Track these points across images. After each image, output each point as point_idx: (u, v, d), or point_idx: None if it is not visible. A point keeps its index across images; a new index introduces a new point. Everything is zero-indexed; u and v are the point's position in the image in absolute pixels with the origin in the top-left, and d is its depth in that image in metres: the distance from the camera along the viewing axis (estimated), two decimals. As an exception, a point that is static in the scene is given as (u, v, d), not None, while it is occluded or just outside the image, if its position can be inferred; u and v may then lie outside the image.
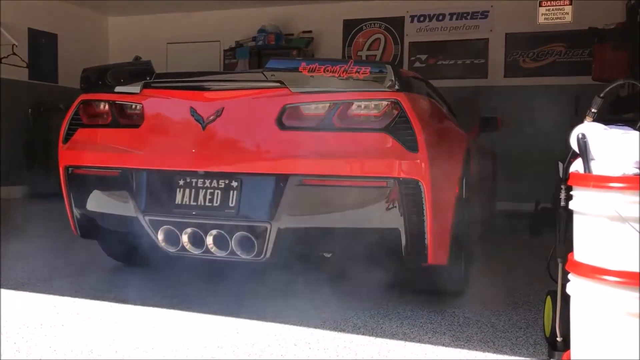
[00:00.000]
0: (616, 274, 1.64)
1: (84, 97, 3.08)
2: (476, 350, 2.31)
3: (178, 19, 9.25)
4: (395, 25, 8.27)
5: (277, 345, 2.30)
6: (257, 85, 2.74)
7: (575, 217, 1.80)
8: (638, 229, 1.60)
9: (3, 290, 3.03)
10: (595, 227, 1.70)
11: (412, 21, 8.18)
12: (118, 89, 2.99)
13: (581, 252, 1.77)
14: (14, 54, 7.71)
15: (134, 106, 2.96)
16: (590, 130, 1.76)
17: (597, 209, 1.68)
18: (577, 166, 1.80)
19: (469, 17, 7.91)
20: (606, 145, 1.71)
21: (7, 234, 4.84)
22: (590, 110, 1.90)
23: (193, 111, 2.75)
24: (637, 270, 1.60)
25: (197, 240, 2.77)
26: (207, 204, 2.71)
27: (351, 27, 8.50)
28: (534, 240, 5.38)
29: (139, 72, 2.96)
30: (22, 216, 6.35)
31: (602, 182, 1.67)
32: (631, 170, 1.63)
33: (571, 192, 1.83)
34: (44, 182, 7.71)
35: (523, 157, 7.34)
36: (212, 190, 2.72)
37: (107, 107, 3.02)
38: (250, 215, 2.67)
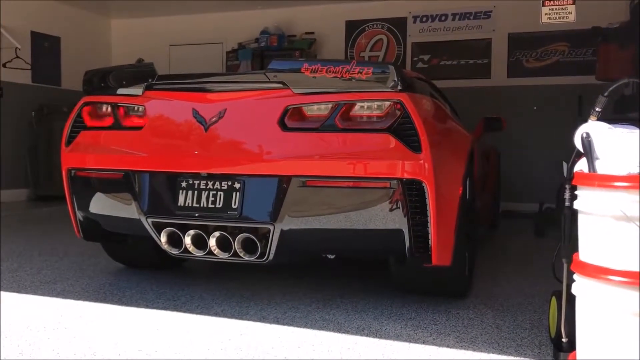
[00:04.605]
0: (622, 274, 1.63)
1: (86, 99, 3.08)
2: (481, 351, 2.29)
3: (180, 21, 9.25)
4: (397, 25, 8.25)
5: (280, 347, 2.30)
6: (259, 86, 2.74)
7: (580, 217, 1.79)
8: (644, 229, 1.58)
9: (6, 293, 3.03)
10: (600, 227, 1.69)
11: (414, 22, 8.16)
12: (120, 91, 2.99)
13: (586, 252, 1.75)
14: (17, 57, 7.73)
15: (136, 108, 2.96)
16: (594, 129, 1.75)
17: (602, 209, 1.67)
18: (581, 165, 1.79)
19: (471, 17, 7.88)
20: (611, 144, 1.70)
21: (10, 236, 4.85)
22: (595, 110, 1.88)
23: (195, 113, 2.75)
24: (643, 270, 1.59)
25: (200, 242, 2.76)
26: (209, 205, 2.70)
27: (354, 28, 8.48)
28: (538, 240, 5.36)
29: (142, 74, 2.95)
30: (26, 219, 6.35)
31: (607, 182, 1.66)
32: (636, 170, 1.62)
33: (576, 192, 1.82)
34: (48, 185, 7.74)
35: (527, 157, 7.33)
36: (214, 192, 2.71)
37: (109, 109, 3.02)
38: (253, 216, 2.66)
